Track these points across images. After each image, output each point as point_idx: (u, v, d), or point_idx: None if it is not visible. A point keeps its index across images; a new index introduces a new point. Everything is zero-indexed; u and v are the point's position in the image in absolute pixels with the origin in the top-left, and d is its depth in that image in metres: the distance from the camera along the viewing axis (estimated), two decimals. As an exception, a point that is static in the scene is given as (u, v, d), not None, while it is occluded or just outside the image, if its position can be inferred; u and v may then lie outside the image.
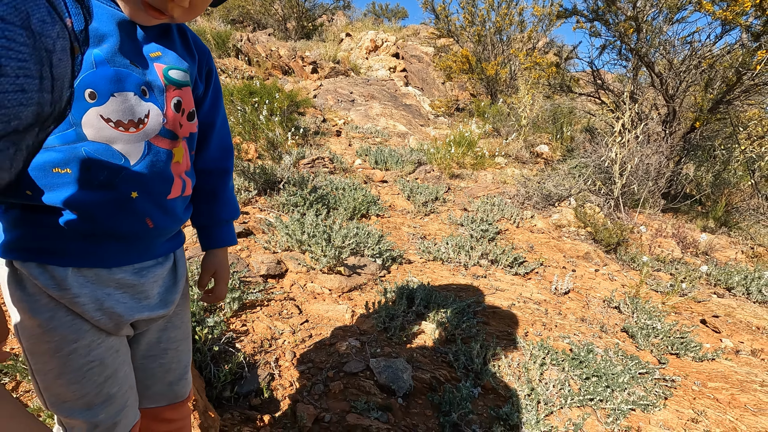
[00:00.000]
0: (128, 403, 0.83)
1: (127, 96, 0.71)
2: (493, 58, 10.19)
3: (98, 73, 0.67)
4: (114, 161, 0.70)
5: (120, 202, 0.73)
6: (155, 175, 0.76)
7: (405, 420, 1.61)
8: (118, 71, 0.69)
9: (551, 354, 2.09)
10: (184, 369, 1.00)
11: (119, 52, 0.70)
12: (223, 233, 1.05)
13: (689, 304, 3.17)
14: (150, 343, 0.91)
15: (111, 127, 0.70)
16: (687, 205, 5.03)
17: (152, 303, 0.84)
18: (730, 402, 2.10)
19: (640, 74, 5.57)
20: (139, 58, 0.73)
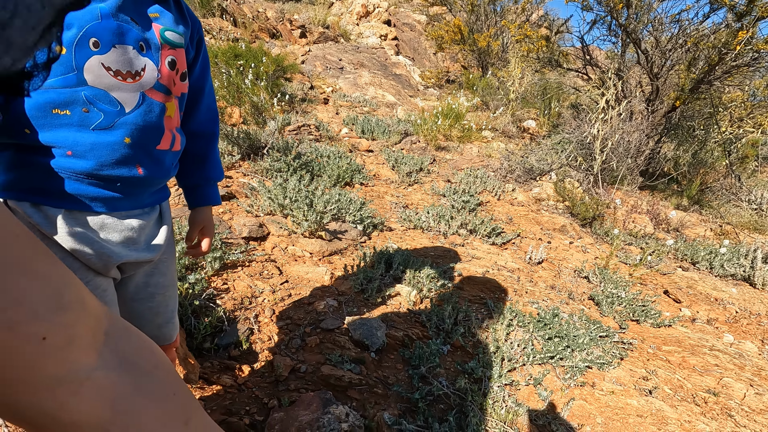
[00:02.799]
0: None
1: (126, 49, 0.76)
2: (486, 29, 10.03)
3: (102, 25, 0.73)
4: (111, 107, 0.76)
5: (114, 145, 0.78)
6: (148, 125, 0.82)
7: (377, 372, 1.71)
8: (120, 25, 0.75)
9: (518, 316, 2.21)
10: (171, 313, 1.06)
11: (122, 8, 0.76)
12: (211, 192, 1.12)
13: (655, 276, 3.34)
14: (138, 287, 0.97)
15: (110, 75, 0.75)
16: (664, 183, 5.18)
17: (140, 248, 0.89)
18: (681, 363, 2.27)
19: (629, 51, 5.58)
20: (139, 17, 0.79)
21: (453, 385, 1.69)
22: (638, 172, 4.95)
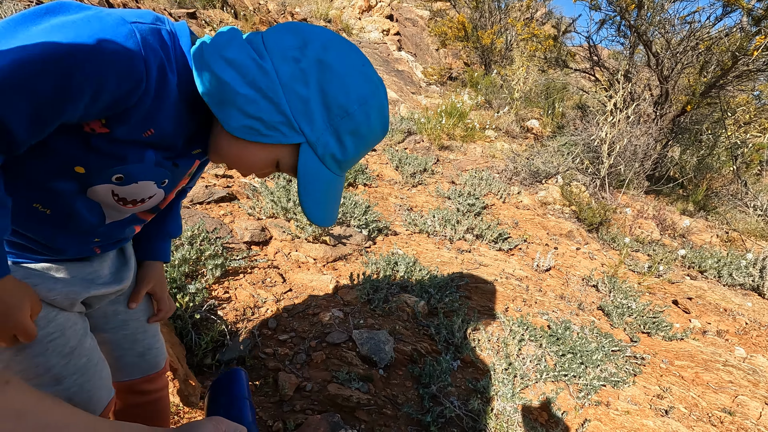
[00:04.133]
0: (102, 375, 0.81)
1: (148, 184, 0.71)
2: (490, 26, 9.90)
3: (140, 167, 0.66)
4: (93, 219, 0.71)
5: (81, 244, 0.75)
6: (122, 231, 0.79)
7: (385, 390, 1.64)
8: (158, 170, 0.69)
9: (530, 330, 2.14)
10: (153, 339, 0.98)
11: (171, 158, 0.70)
12: (164, 247, 1.01)
13: (663, 285, 3.28)
14: (107, 316, 0.90)
15: (114, 200, 0.69)
16: (669, 188, 5.12)
17: (105, 280, 0.83)
18: (694, 380, 2.21)
19: (637, 52, 5.49)
20: (184, 159, 0.73)
21: (465, 405, 1.61)
22: (644, 176, 4.89)
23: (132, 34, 0.54)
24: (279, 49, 0.60)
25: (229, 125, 0.61)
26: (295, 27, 0.62)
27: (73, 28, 0.51)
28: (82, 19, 0.52)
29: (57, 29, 0.50)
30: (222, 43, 0.60)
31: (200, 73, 0.60)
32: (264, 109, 0.60)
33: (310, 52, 0.60)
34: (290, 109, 0.60)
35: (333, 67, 0.60)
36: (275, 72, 0.59)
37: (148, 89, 0.57)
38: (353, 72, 0.62)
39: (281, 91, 0.60)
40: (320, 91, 0.60)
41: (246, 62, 0.59)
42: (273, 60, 0.60)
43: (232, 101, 0.60)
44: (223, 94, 0.59)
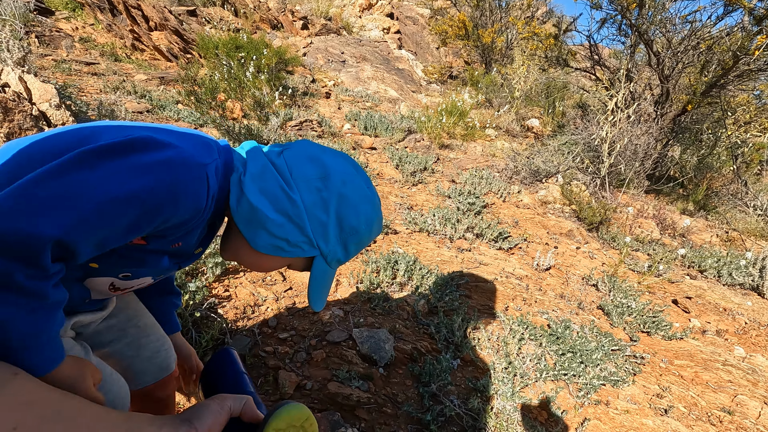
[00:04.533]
0: (120, 383, 0.82)
1: (146, 279, 0.76)
2: (491, 24, 9.89)
3: (150, 269, 0.72)
4: (78, 298, 0.74)
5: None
6: (97, 306, 0.84)
7: (385, 389, 1.64)
8: (163, 270, 0.74)
9: (530, 329, 2.14)
10: (158, 342, 0.98)
11: (179, 262, 0.77)
12: (174, 319, 1.10)
13: (663, 285, 3.28)
14: (101, 333, 0.91)
15: (108, 289, 0.74)
16: (669, 188, 5.12)
17: (88, 308, 0.83)
18: (694, 379, 2.21)
19: (638, 52, 5.48)
20: (188, 261, 0.79)
21: (465, 404, 1.62)
22: (644, 175, 4.89)
23: (203, 181, 0.62)
24: (304, 180, 0.71)
25: (257, 244, 0.71)
26: (316, 157, 0.74)
27: (155, 170, 0.56)
28: (164, 161, 0.57)
29: (140, 170, 0.55)
30: (257, 174, 0.70)
31: (238, 200, 0.69)
32: (290, 231, 0.71)
33: (331, 185, 0.72)
34: (312, 231, 0.72)
35: (349, 198, 0.73)
36: (301, 201, 0.70)
37: (200, 220, 0.67)
38: (364, 200, 0.75)
39: (306, 217, 0.71)
40: (337, 217, 0.73)
41: (277, 192, 0.69)
42: (300, 189, 0.71)
43: (262, 224, 0.69)
44: (255, 218, 0.69)
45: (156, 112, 4.13)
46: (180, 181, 0.58)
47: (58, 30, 6.79)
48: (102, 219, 0.51)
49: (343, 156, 0.78)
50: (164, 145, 0.58)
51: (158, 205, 0.56)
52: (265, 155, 0.74)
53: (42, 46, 6.00)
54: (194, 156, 0.61)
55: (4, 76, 2.57)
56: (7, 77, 2.55)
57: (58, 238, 0.47)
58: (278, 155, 0.74)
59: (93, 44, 6.65)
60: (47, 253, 0.47)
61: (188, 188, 0.59)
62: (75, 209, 0.49)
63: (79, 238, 0.50)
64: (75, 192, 0.49)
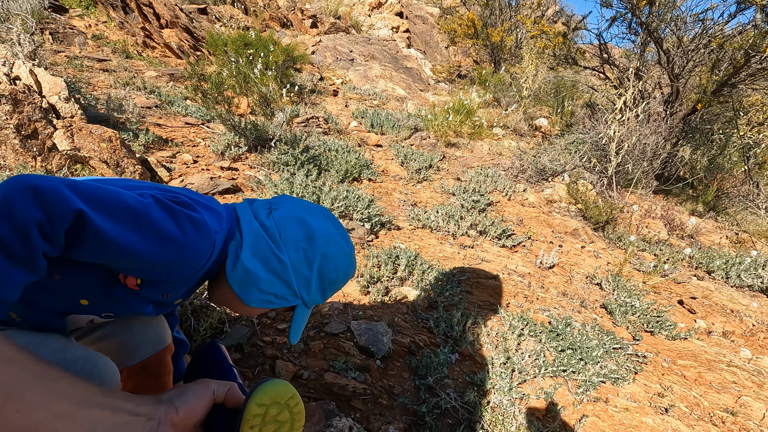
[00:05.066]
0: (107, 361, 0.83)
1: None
2: (500, 23, 9.84)
3: (130, 313, 0.81)
4: (55, 328, 0.78)
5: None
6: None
7: (382, 381, 1.65)
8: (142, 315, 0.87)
9: (530, 325, 2.13)
10: (149, 318, 1.00)
11: (160, 311, 0.87)
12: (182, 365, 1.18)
13: (669, 285, 3.24)
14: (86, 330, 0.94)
15: (86, 323, 0.81)
16: (679, 188, 5.05)
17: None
18: (697, 379, 2.18)
19: (648, 50, 5.41)
20: (167, 308, 0.88)
21: (461, 397, 1.61)
22: (653, 175, 4.82)
23: (211, 245, 0.72)
24: (292, 241, 0.83)
25: (248, 300, 0.83)
26: (302, 219, 0.85)
27: (182, 220, 0.66)
28: (192, 218, 0.68)
29: (172, 215, 0.65)
30: (251, 242, 0.81)
31: (234, 264, 0.80)
32: (278, 287, 0.83)
33: (316, 246, 0.84)
34: (296, 285, 0.84)
35: (330, 257, 0.85)
36: (289, 260, 0.82)
37: (192, 277, 0.75)
38: (342, 257, 0.88)
39: (292, 274, 0.82)
40: (319, 272, 0.85)
41: (268, 255, 0.81)
42: (287, 249, 0.82)
43: (254, 283, 0.81)
44: (248, 279, 0.80)
45: (164, 107, 4.17)
46: (195, 237, 0.67)
47: (72, 27, 6.90)
48: (123, 219, 0.58)
49: (324, 214, 0.90)
50: (195, 209, 0.70)
51: (166, 245, 0.63)
52: (256, 218, 0.85)
53: (56, 43, 6.10)
54: (211, 224, 0.72)
55: (16, 68, 2.62)
56: (18, 70, 2.60)
57: (82, 210, 0.53)
58: (267, 216, 0.86)
59: (105, 41, 6.74)
60: (68, 219, 0.52)
61: (198, 246, 0.69)
62: (107, 205, 0.57)
63: (97, 222, 0.55)
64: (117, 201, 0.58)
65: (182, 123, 3.88)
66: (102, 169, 2.42)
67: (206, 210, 0.74)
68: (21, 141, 2.21)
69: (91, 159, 2.39)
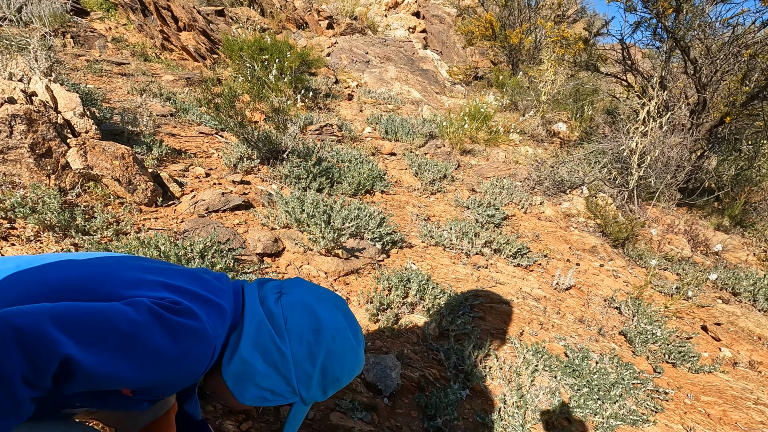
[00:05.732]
0: None
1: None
2: (519, 25, 9.64)
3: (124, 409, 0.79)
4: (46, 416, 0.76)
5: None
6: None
7: (389, 421, 1.60)
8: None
9: (545, 359, 2.05)
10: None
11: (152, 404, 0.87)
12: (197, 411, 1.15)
13: (692, 309, 3.11)
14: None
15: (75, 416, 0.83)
16: (703, 201, 4.86)
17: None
18: (722, 418, 2.08)
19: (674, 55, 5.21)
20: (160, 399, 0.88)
21: (471, 442, 1.56)
22: (677, 188, 4.65)
23: (210, 352, 0.68)
24: (297, 332, 0.76)
25: (244, 398, 0.76)
26: (311, 309, 0.79)
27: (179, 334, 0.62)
28: (190, 330, 0.64)
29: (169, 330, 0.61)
30: (253, 331, 0.76)
31: (231, 356, 0.74)
32: (276, 382, 0.76)
33: (322, 340, 0.77)
34: (296, 381, 0.76)
35: (336, 353, 0.78)
36: (290, 352, 0.75)
37: (190, 382, 0.71)
38: (349, 353, 0.80)
39: (293, 369, 0.75)
40: (322, 369, 0.77)
41: (268, 345, 0.74)
42: (291, 341, 0.75)
43: (251, 377, 0.74)
44: (245, 372, 0.74)
45: (180, 115, 4.19)
46: (194, 351, 0.64)
47: (92, 30, 7.00)
48: (114, 348, 0.55)
49: (336, 304, 0.84)
50: (196, 316, 0.66)
51: (160, 365, 0.60)
52: (262, 304, 0.80)
53: (77, 47, 6.20)
54: (212, 328, 0.68)
55: (32, 84, 2.64)
56: (35, 86, 2.62)
57: (69, 355, 0.50)
58: (276, 302, 0.80)
59: (125, 44, 6.82)
60: (54, 365, 0.49)
61: (197, 358, 0.65)
62: (95, 336, 0.54)
63: (86, 363, 0.52)
64: (107, 329, 0.55)
65: (196, 132, 3.88)
66: (114, 186, 2.42)
67: (210, 309, 0.70)
68: (35, 160, 2.22)
69: (104, 177, 2.39)
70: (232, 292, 0.80)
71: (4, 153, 2.17)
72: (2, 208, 1.99)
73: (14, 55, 3.26)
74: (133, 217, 2.34)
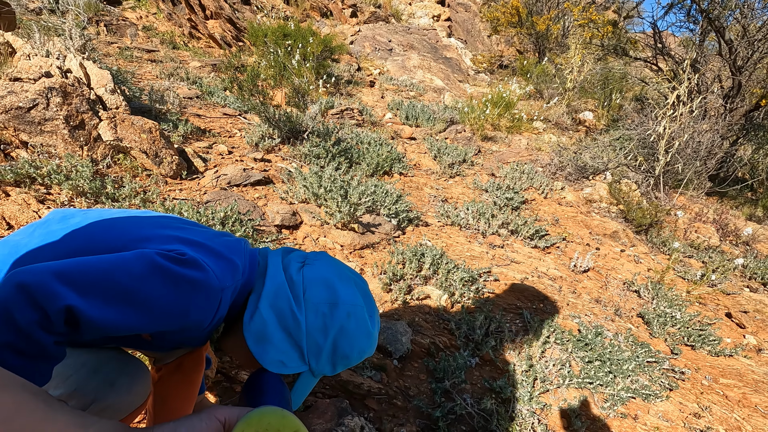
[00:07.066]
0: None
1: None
2: (546, 11, 9.41)
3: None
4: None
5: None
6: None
7: (398, 381, 1.64)
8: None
9: (557, 332, 2.05)
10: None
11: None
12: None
13: (717, 296, 3.02)
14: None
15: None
16: (736, 190, 4.67)
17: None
18: (740, 401, 2.03)
19: (709, 39, 4.99)
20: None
21: (478, 404, 1.58)
22: (707, 176, 4.49)
23: (215, 304, 0.70)
24: (314, 303, 0.78)
25: (264, 360, 0.77)
26: (331, 283, 0.81)
27: (181, 285, 0.65)
28: (191, 280, 0.66)
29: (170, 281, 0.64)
30: (272, 292, 0.78)
31: (252, 316, 0.77)
32: (287, 348, 0.77)
33: (336, 315, 0.78)
34: (307, 350, 0.78)
35: (349, 331, 0.79)
36: (305, 321, 0.77)
37: (202, 332, 0.74)
38: (362, 334, 0.81)
39: (305, 338, 0.77)
40: (333, 344, 0.78)
41: (285, 310, 0.77)
42: (307, 310, 0.77)
43: (270, 339, 0.76)
44: (265, 333, 0.76)
45: (205, 98, 4.31)
46: (195, 301, 0.66)
47: (124, 19, 7.24)
48: (117, 300, 0.59)
49: (357, 284, 0.84)
50: (200, 267, 0.67)
51: (166, 312, 0.63)
52: (284, 270, 0.82)
53: (109, 35, 6.43)
54: (218, 279, 0.69)
55: (67, 62, 2.77)
56: (70, 63, 2.76)
57: (71, 306, 0.54)
58: (298, 270, 0.82)
59: (155, 32, 7.03)
60: (61, 314, 0.54)
61: (199, 308, 0.67)
62: (98, 288, 0.58)
63: (89, 312, 0.56)
64: (109, 281, 0.59)
65: (220, 114, 3.99)
66: (142, 159, 2.53)
67: (221, 262, 0.72)
68: (69, 131, 2.35)
69: (132, 149, 2.50)
70: (249, 254, 0.83)
71: (41, 124, 2.30)
72: (40, 174, 2.12)
73: (51, 36, 3.43)
74: (159, 187, 2.44)
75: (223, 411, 0.56)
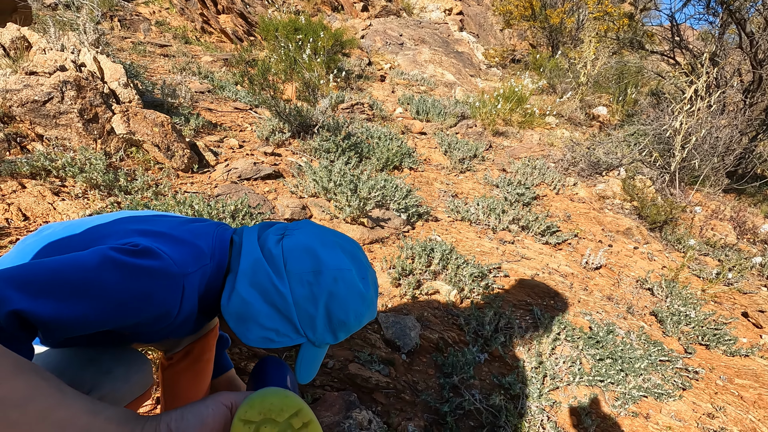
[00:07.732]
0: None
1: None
2: (560, 4, 9.24)
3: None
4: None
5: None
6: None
7: (406, 376, 1.63)
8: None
9: (567, 329, 2.03)
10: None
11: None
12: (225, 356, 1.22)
13: (733, 295, 2.96)
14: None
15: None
16: (755, 187, 4.56)
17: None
18: (756, 402, 1.99)
19: (729, 32, 4.86)
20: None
21: (486, 400, 1.57)
22: (724, 172, 4.39)
23: (177, 290, 0.68)
24: (297, 273, 0.75)
25: (248, 338, 0.75)
26: (312, 250, 0.77)
27: (136, 275, 0.63)
28: (147, 269, 0.64)
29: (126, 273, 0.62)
30: (248, 270, 0.75)
31: (229, 296, 0.74)
32: (278, 322, 0.75)
33: (323, 281, 0.75)
34: (299, 322, 0.75)
35: (339, 295, 0.76)
36: (291, 293, 0.74)
37: (177, 322, 0.71)
38: (354, 297, 0.77)
39: (294, 310, 0.74)
40: (326, 311, 0.76)
41: (266, 285, 0.74)
42: (291, 282, 0.74)
43: (254, 317, 0.74)
44: (247, 312, 0.73)
45: (216, 92, 4.33)
46: (152, 289, 0.64)
47: (138, 14, 7.30)
48: (70, 295, 0.57)
49: (342, 247, 0.81)
50: (155, 255, 0.66)
51: (123, 302, 0.61)
52: (262, 245, 0.79)
53: (123, 30, 6.49)
54: (177, 266, 0.67)
55: (81, 56, 2.80)
56: (84, 57, 2.79)
57: (16, 311, 0.53)
58: (277, 243, 0.79)
59: (167, 27, 7.08)
60: (11, 318, 0.53)
61: (160, 296, 0.65)
62: (49, 286, 0.56)
63: (39, 312, 0.55)
64: (60, 278, 0.58)
65: (231, 108, 4.01)
66: (154, 152, 2.55)
67: (181, 248, 0.71)
68: (83, 125, 2.38)
69: (145, 143, 2.53)
70: (219, 236, 0.81)
71: (56, 117, 2.33)
72: (54, 167, 2.15)
73: (66, 31, 3.47)
74: (170, 180, 2.46)
75: (229, 396, 0.57)
